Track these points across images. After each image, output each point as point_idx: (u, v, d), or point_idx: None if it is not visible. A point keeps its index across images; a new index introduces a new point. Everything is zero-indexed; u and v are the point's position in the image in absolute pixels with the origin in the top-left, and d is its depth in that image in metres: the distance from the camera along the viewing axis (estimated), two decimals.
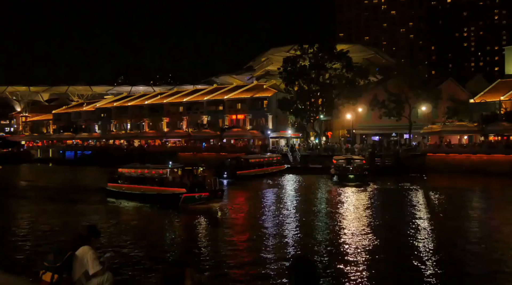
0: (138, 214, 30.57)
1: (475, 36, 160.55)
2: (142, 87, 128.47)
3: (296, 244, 20.82)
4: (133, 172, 36.70)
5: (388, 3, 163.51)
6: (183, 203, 30.87)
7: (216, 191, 32.22)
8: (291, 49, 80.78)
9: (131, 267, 16.60)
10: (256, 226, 25.22)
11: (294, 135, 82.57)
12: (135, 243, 20.73)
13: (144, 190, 33.96)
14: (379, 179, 48.17)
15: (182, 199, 30.93)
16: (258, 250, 19.39)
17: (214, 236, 23.36)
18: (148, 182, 34.45)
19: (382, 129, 72.19)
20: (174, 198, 31.37)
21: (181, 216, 29.17)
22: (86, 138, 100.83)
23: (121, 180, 36.99)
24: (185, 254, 18.51)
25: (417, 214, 28.30)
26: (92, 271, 6.87)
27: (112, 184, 37.40)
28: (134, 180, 35.86)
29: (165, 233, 25.08)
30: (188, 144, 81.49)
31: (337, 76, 70.52)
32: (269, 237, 22.11)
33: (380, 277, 15.64)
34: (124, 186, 35.98)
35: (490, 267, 17.19)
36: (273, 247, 20.00)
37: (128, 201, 33.89)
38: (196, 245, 20.85)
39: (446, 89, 67.25)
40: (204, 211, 29.94)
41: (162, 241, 22.27)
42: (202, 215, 28.98)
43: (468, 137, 65.08)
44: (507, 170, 51.94)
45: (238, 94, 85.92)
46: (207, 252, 19.46)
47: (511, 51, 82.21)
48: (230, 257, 18.35)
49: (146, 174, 35.32)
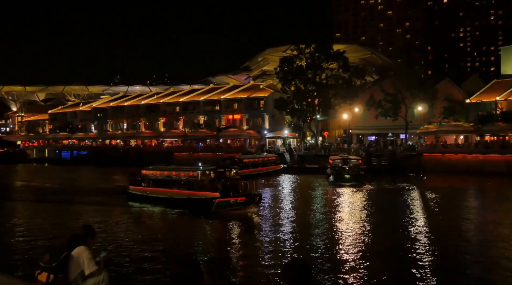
0: (166, 220, 28.30)
1: (471, 36, 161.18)
2: (139, 87, 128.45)
3: (292, 244, 20.81)
4: (159, 174, 34.02)
5: (385, 3, 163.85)
6: (216, 209, 28.49)
7: (254, 195, 29.25)
8: (288, 49, 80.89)
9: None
10: (252, 227, 25.26)
11: (291, 135, 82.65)
12: (166, 253, 19.28)
13: (172, 194, 31.30)
14: (375, 179, 48.26)
15: (215, 204, 28.54)
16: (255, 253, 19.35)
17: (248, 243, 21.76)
18: (176, 185, 31.87)
19: (379, 129, 72.38)
20: (206, 203, 28.89)
21: (214, 223, 26.83)
22: (82, 138, 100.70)
23: (144, 183, 34.31)
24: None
25: (412, 214, 28.36)
26: (88, 271, 6.85)
27: (135, 186, 34.86)
28: (159, 182, 33.21)
29: (196, 242, 22.14)
30: (185, 144, 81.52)
31: (333, 76, 70.66)
32: (264, 241, 22.09)
33: (376, 277, 15.66)
34: (148, 189, 33.53)
35: (485, 266, 17.25)
36: (269, 249, 19.99)
37: (153, 205, 31.44)
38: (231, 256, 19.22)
39: (442, 89, 67.46)
40: (239, 217, 27.52)
41: (193, 251, 19.91)
42: (237, 221, 26.69)
43: (464, 137, 65.26)
44: (503, 170, 52.17)
45: (234, 94, 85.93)
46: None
47: (507, 51, 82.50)
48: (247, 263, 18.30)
49: (173, 177, 32.75)
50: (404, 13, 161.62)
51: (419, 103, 65.10)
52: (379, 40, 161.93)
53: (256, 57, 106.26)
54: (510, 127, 57.13)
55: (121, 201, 34.14)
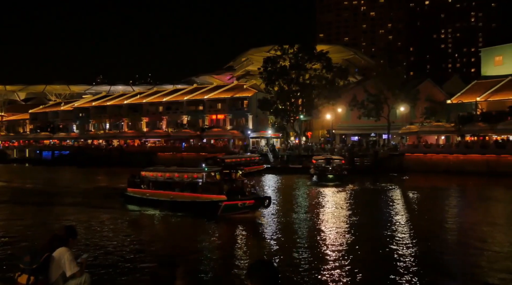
0: (167, 224, 26.97)
1: (452, 38, 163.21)
2: (121, 86, 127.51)
3: (274, 244, 20.84)
4: (160, 175, 32.09)
5: (368, 4, 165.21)
6: (222, 212, 26.90)
7: (263, 198, 27.54)
8: (271, 50, 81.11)
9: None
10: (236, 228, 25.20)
11: (274, 135, 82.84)
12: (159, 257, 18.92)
13: (174, 196, 29.66)
14: (358, 179, 48.58)
15: (221, 208, 26.95)
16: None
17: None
18: (178, 188, 30.07)
19: (361, 129, 72.94)
20: (212, 206, 27.27)
21: (220, 227, 25.42)
22: (64, 138, 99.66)
23: (144, 185, 32.60)
24: (176, 255, 18.06)
25: (394, 214, 28.61)
26: (69, 272, 6.79)
27: (133, 189, 33.23)
28: (160, 184, 31.39)
29: (202, 247, 20.76)
30: (168, 144, 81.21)
31: (317, 76, 70.99)
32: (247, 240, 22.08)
33: (358, 276, 15.75)
34: (148, 192, 31.79)
35: (465, 264, 17.48)
36: (250, 249, 20.01)
37: (153, 209, 29.93)
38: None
39: (424, 90, 68.24)
40: (247, 221, 26.13)
41: (201, 257, 18.85)
42: (244, 225, 25.26)
43: (445, 138, 66.09)
44: (483, 170, 52.93)
45: (218, 94, 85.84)
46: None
47: (487, 53, 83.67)
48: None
49: (176, 178, 30.83)
50: (386, 14, 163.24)
51: (401, 104, 65.74)
52: (362, 41, 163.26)
53: (240, 57, 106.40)
54: (490, 128, 58.00)
55: (118, 204, 32.67)
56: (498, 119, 58.04)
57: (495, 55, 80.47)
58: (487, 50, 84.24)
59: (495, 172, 51.60)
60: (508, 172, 50.24)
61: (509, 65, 76.65)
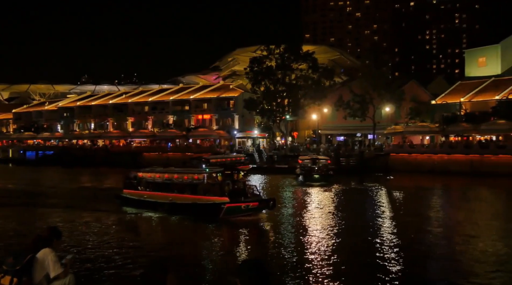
0: (167, 228, 26.09)
1: (436, 39, 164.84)
2: (107, 86, 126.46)
3: (261, 243, 20.87)
4: (158, 176, 31.01)
5: (353, 5, 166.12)
6: (225, 215, 25.96)
7: (268, 200, 26.89)
8: (258, 50, 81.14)
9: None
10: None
11: (260, 136, 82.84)
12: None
13: (173, 198, 28.55)
14: (344, 179, 48.82)
15: (224, 210, 26.01)
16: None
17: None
18: (178, 189, 29.00)
19: (347, 129, 73.27)
20: (214, 208, 26.35)
21: (222, 230, 24.62)
22: (48, 138, 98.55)
23: (141, 186, 31.54)
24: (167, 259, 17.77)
25: (380, 213, 28.83)
26: (53, 273, 6.73)
27: (130, 190, 32.01)
28: (159, 186, 30.36)
29: (203, 251, 20.09)
30: (154, 144, 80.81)
31: (303, 77, 71.19)
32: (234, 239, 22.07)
33: (343, 276, 15.83)
34: (145, 193, 30.66)
35: (448, 261, 17.66)
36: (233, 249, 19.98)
37: (151, 211, 28.90)
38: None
39: (409, 91, 68.74)
40: (250, 223, 25.46)
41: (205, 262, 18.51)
42: (248, 228, 24.55)
43: (430, 138, 66.67)
44: (467, 170, 53.47)
45: (204, 94, 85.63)
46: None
47: (470, 54, 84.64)
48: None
49: (175, 180, 29.81)
50: (372, 15, 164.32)
51: (387, 104, 66.17)
52: (348, 41, 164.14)
53: (226, 57, 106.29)
54: (474, 128, 58.63)
55: (114, 206, 31.46)
56: (481, 119, 58.68)
57: (479, 56, 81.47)
58: (471, 52, 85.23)
59: (479, 171, 52.14)
60: (491, 172, 50.82)
61: (492, 66, 77.69)
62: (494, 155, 53.14)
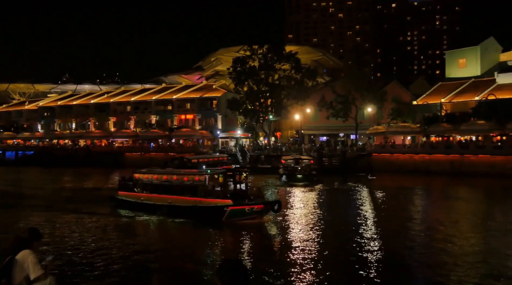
0: (165, 231, 25.02)
1: (418, 40, 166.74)
2: (88, 85, 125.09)
3: (242, 244, 20.86)
4: (156, 178, 29.54)
5: (336, 6, 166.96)
6: (228, 218, 24.89)
7: (273, 202, 25.81)
8: (241, 50, 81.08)
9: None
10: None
11: (244, 136, 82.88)
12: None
13: (173, 200, 27.29)
14: (327, 179, 49.06)
15: (227, 213, 24.91)
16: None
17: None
18: (177, 191, 27.73)
19: (330, 129, 73.73)
20: (216, 211, 25.26)
21: (225, 234, 23.58)
22: (28, 138, 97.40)
23: (137, 188, 30.27)
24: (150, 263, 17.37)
25: (362, 213, 29.04)
26: (33, 275, 6.65)
27: (125, 192, 30.79)
28: (156, 188, 29.03)
29: (205, 257, 19.26)
30: (136, 144, 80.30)
31: (286, 77, 71.43)
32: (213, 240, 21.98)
33: (325, 276, 15.91)
34: (142, 195, 29.49)
35: (428, 259, 17.87)
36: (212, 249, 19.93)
37: (148, 214, 27.56)
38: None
39: (391, 91, 69.44)
40: (254, 226, 24.46)
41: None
42: (252, 232, 23.59)
43: (411, 138, 67.42)
44: (448, 170, 54.19)
45: (187, 94, 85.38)
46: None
47: (451, 55, 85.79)
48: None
49: (175, 181, 28.40)
50: (354, 16, 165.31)
51: (369, 105, 66.73)
52: (330, 42, 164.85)
53: (209, 57, 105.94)
54: (454, 128, 59.43)
55: (108, 208, 30.24)
56: (461, 120, 59.52)
57: (459, 57, 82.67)
58: (451, 53, 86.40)
59: (459, 171, 52.89)
60: (471, 172, 51.57)
61: (472, 67, 78.95)
62: (474, 155, 53.90)
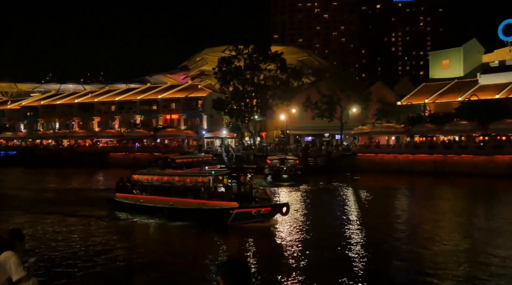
0: (166, 235, 24.15)
1: (402, 41, 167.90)
2: (72, 85, 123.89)
3: (230, 244, 20.85)
4: (156, 179, 28.54)
5: (321, 6, 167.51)
6: (233, 221, 24.02)
7: (281, 205, 24.72)
8: (226, 50, 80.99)
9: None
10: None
11: (229, 136, 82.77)
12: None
13: (174, 203, 26.37)
14: (312, 179, 49.24)
15: (233, 216, 23.98)
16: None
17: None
18: (179, 193, 26.76)
19: (315, 130, 73.98)
20: (221, 214, 24.30)
21: (230, 238, 22.79)
22: (11, 138, 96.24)
23: (136, 190, 29.41)
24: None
25: (346, 212, 29.26)
26: (15, 277, 6.56)
27: (124, 194, 29.87)
28: (157, 189, 28.05)
29: (207, 262, 18.49)
30: (120, 144, 79.71)
31: (271, 77, 71.49)
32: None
33: (309, 276, 15.97)
34: (142, 197, 28.52)
35: (411, 257, 18.06)
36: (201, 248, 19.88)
37: (148, 217, 26.81)
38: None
39: (375, 92, 69.89)
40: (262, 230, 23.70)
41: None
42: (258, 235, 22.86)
43: (396, 138, 67.93)
44: (431, 169, 54.73)
45: (172, 94, 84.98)
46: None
47: (434, 56, 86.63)
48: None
49: (176, 183, 27.37)
50: (339, 17, 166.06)
51: (354, 105, 67.09)
52: (316, 42, 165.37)
53: (195, 57, 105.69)
54: (438, 129, 60.02)
55: (105, 211, 29.46)
56: (445, 120, 60.15)
57: (442, 58, 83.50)
58: (435, 54, 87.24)
59: (442, 171, 53.49)
60: (454, 171, 52.14)
61: (455, 68, 79.78)
62: (457, 155, 54.52)
